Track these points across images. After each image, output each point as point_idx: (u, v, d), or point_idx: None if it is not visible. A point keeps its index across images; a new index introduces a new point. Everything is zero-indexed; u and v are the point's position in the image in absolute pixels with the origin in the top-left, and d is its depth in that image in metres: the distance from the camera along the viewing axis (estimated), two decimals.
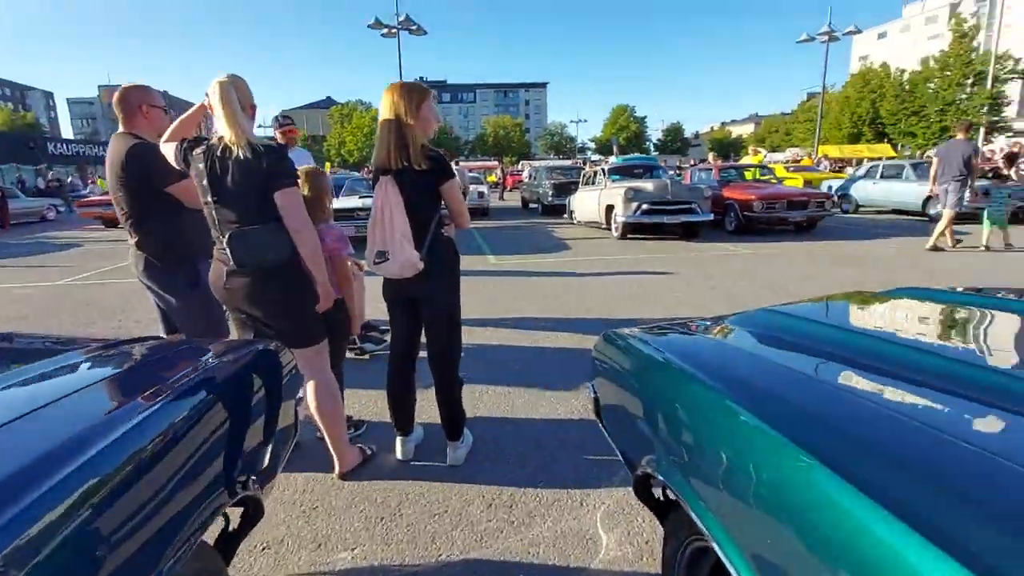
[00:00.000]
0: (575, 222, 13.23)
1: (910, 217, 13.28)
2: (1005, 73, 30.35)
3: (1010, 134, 32.73)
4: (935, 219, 12.51)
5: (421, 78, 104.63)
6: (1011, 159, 13.19)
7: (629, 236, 10.58)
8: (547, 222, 14.46)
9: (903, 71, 37.92)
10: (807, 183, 15.88)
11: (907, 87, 34.52)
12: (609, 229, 11.10)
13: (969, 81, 30.65)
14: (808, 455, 0.79)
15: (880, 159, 29.12)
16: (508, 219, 15.77)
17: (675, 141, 77.95)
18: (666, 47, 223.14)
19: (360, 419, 2.98)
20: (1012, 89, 34.40)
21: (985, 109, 29.39)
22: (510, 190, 28.68)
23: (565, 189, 15.41)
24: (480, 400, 3.27)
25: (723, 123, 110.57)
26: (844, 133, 40.68)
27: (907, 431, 0.83)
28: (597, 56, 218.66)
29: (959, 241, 8.94)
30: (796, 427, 0.88)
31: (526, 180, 20.03)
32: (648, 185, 10.36)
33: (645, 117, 74.80)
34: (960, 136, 8.69)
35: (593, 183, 12.26)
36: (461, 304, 2.52)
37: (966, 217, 9.71)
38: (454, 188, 2.36)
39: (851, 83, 42.67)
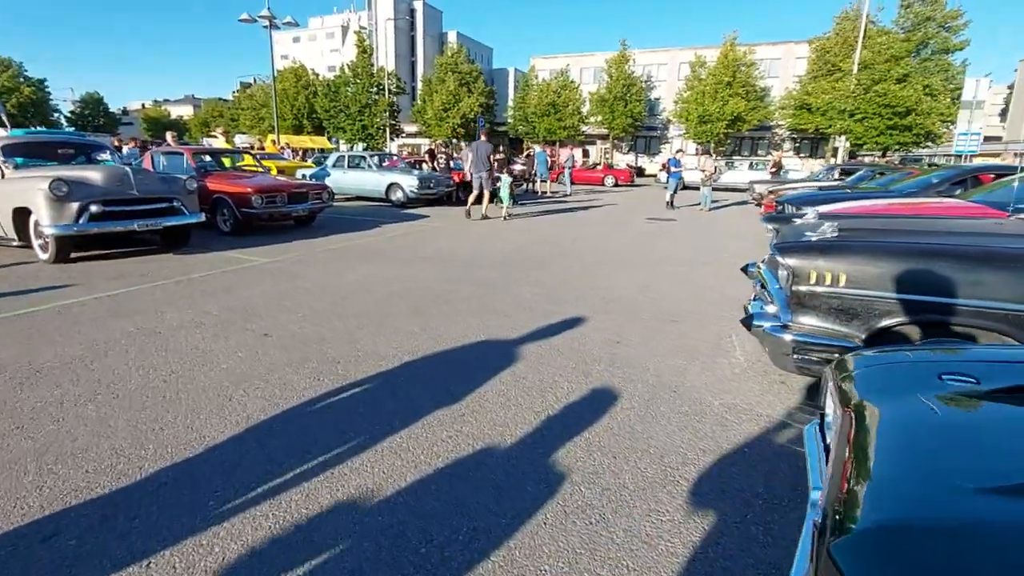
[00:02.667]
0: None
1: (375, 203, 14.02)
2: (396, 88, 37.49)
3: (405, 134, 41.16)
4: (396, 204, 13.78)
5: None
6: (432, 155, 15.76)
7: (74, 256, 6.43)
8: None
9: (318, 74, 41.18)
10: (280, 172, 14.48)
11: (334, 88, 37.75)
12: (29, 247, 6.48)
13: (375, 90, 36.25)
14: None
15: (324, 150, 30.79)
16: None
17: (97, 116, 60.28)
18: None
19: None
20: (402, 100, 43.00)
21: (388, 113, 35.60)
22: None
23: None
24: None
25: (156, 101, 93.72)
26: (288, 124, 41.16)
27: None
28: None
29: (485, 217, 11.47)
30: None
31: None
32: (93, 174, 6.44)
33: (44, 80, 53.93)
34: (483, 138, 11.46)
35: None
36: None
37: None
38: None
39: (285, 77, 43.18)
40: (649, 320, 4.47)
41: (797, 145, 41.60)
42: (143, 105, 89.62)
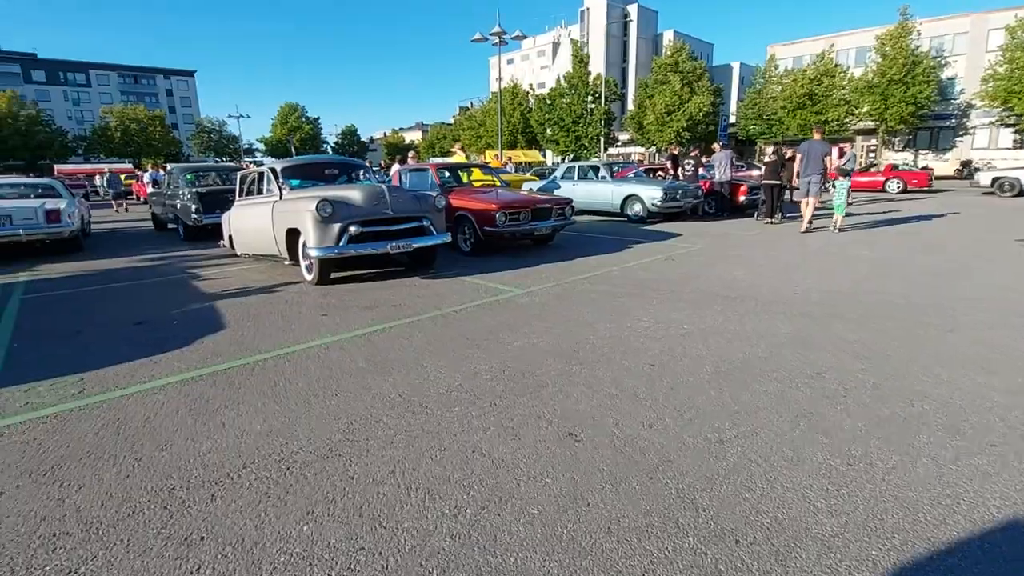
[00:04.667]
0: (239, 255, 8.13)
1: (608, 218, 12.71)
2: (612, 95, 36.62)
3: (619, 143, 40.04)
4: (633, 219, 12.26)
5: None
6: (675, 162, 13.86)
7: (335, 277, 6.36)
8: (189, 256, 8.85)
9: (532, 87, 43.05)
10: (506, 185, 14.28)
11: (549, 101, 38.73)
12: (296, 264, 6.64)
13: (590, 99, 35.91)
14: None
15: (531, 164, 31.31)
16: (120, 255, 9.38)
17: (352, 145, 73.57)
18: (333, 52, 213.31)
19: None
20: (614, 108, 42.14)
21: (603, 123, 34.82)
22: (144, 201, 20.12)
23: (220, 201, 9.93)
24: None
25: (394, 129, 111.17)
26: (505, 139, 43.70)
27: None
28: (255, 48, 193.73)
29: (808, 231, 9.64)
30: None
31: (157, 188, 13.15)
32: (354, 193, 6.30)
33: (318, 118, 67.95)
34: (816, 136, 9.68)
35: (259, 192, 7.46)
36: None
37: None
38: None
39: (502, 95, 46.13)
40: None
41: None
42: (384, 134, 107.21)
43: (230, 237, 8.25)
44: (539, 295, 5.42)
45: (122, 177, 31.09)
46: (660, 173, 14.23)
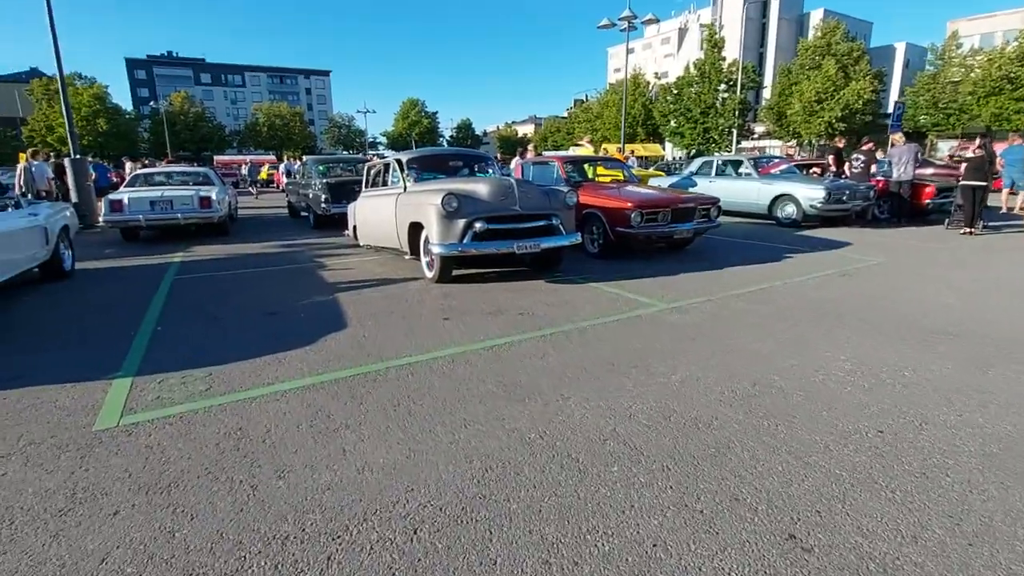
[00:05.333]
0: (362, 246, 8.23)
1: (750, 220, 11.33)
2: (750, 82, 33.64)
3: (754, 136, 36.82)
4: (783, 222, 10.80)
5: (169, 53, 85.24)
6: (839, 157, 12.07)
7: (456, 275, 6.08)
8: (317, 245, 9.18)
9: (657, 75, 41.09)
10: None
11: (674, 91, 36.53)
12: (416, 258, 6.46)
13: (723, 87, 33.25)
14: None
15: (662, 157, 29.62)
16: (258, 240, 10.03)
17: (467, 138, 75.82)
18: (451, 47, 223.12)
19: None
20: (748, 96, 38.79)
21: (737, 113, 32.09)
22: (281, 190, 22.04)
23: (346, 192, 10.25)
24: None
25: (507, 123, 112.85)
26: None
27: None
28: (382, 46, 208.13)
29: None
30: None
31: (293, 178, 14.12)
32: (480, 186, 5.94)
33: (436, 112, 70.93)
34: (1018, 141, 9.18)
35: (384, 183, 7.42)
36: None
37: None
38: None
39: (620, 89, 44.49)
40: None
41: None
42: (497, 127, 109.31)
43: (354, 228, 8.39)
44: (689, 312, 4.65)
45: (264, 168, 34.59)
46: (815, 171, 12.44)
